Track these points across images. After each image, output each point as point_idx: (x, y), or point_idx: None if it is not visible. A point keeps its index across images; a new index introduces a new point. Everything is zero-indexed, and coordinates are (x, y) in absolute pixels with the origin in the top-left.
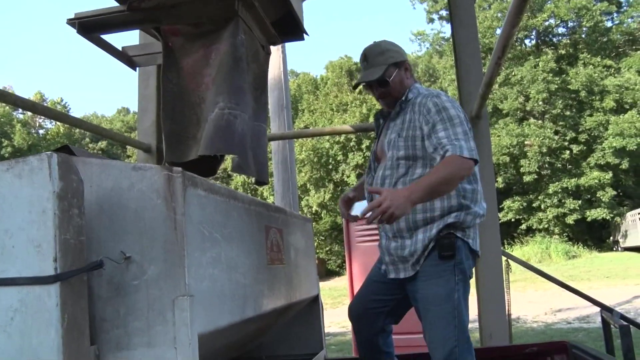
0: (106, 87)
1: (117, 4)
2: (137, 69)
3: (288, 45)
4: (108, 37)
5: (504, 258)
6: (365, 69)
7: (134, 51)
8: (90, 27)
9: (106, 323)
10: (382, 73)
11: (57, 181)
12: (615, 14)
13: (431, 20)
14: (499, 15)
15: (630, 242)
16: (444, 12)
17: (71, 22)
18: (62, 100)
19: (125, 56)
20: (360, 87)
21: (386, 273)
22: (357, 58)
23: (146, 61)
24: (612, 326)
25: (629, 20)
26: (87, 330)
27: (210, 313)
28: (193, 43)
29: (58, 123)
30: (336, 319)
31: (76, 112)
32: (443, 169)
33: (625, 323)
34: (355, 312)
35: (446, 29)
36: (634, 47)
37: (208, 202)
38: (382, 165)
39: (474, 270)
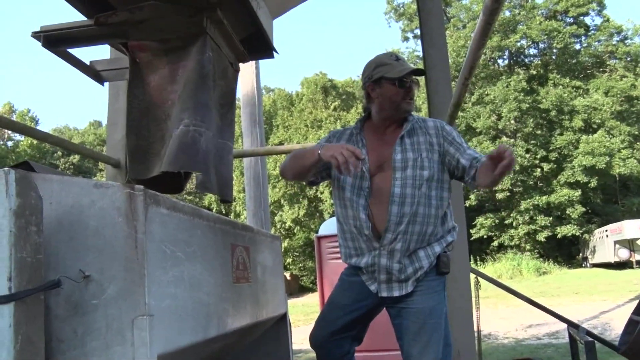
0: (79, 99)
1: (84, 18)
2: (107, 83)
3: (262, 61)
4: (78, 50)
5: (473, 275)
6: (405, 64)
7: (102, 66)
8: (56, 40)
9: (63, 343)
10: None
11: (14, 198)
12: (583, 37)
13: (406, 39)
14: (473, 35)
15: (598, 259)
16: (418, 31)
17: (36, 35)
18: (29, 112)
19: (92, 71)
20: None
21: (377, 292)
22: (332, 75)
23: (114, 76)
24: (578, 342)
25: (596, 43)
26: (42, 351)
27: (171, 333)
28: (160, 59)
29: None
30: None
31: (47, 124)
32: None
33: (590, 339)
34: (320, 341)
35: (421, 48)
36: (600, 69)
37: (171, 220)
38: (393, 183)
39: None
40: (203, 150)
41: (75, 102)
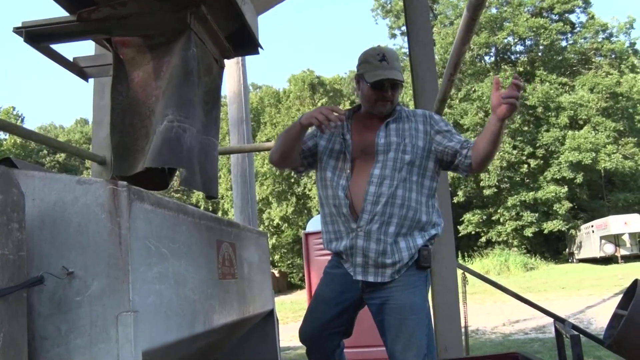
0: (65, 97)
1: (67, 14)
2: (92, 79)
3: (250, 57)
4: (62, 47)
5: (460, 271)
6: (386, 68)
7: (86, 62)
8: (39, 36)
9: (47, 341)
10: (403, 78)
11: None
12: (569, 34)
13: (393, 36)
14: (458, 31)
15: (584, 254)
16: (405, 28)
17: (18, 30)
18: (14, 109)
19: (76, 67)
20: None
21: (352, 274)
22: (319, 72)
23: (99, 72)
24: (564, 336)
25: (582, 40)
26: (25, 349)
27: (156, 329)
28: (144, 55)
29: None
30: (297, 333)
31: (33, 123)
32: None
33: (575, 333)
34: (309, 335)
35: (407, 45)
36: (586, 66)
37: (155, 217)
38: (374, 165)
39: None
40: (187, 146)
41: (61, 100)
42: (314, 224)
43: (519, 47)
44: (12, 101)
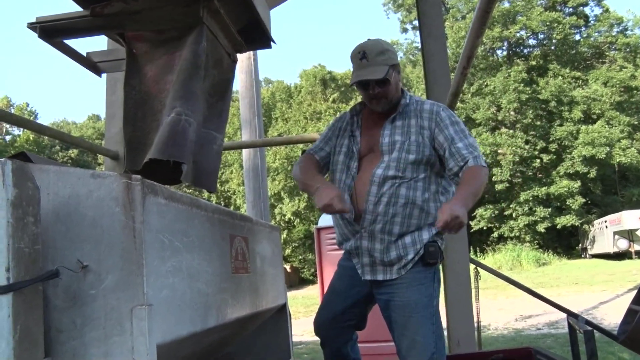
0: (77, 93)
1: (80, 9)
2: (105, 75)
3: (262, 52)
4: (75, 42)
5: (472, 266)
6: (364, 67)
7: (99, 57)
8: (52, 31)
9: (62, 334)
10: (385, 73)
11: (11, 189)
12: (583, 28)
13: (404, 30)
14: (471, 24)
15: (597, 249)
16: (417, 23)
17: (32, 26)
18: (27, 106)
19: (89, 62)
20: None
21: (361, 274)
22: (330, 67)
23: (112, 67)
24: (577, 331)
25: (596, 34)
26: (41, 341)
27: (169, 322)
28: (157, 49)
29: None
30: (309, 327)
31: (46, 118)
32: (478, 179)
33: (589, 328)
34: (323, 327)
35: (419, 39)
36: (600, 60)
37: (168, 210)
38: (378, 164)
39: (442, 278)
40: (190, 140)
41: (74, 96)
42: (326, 219)
43: (532, 41)
44: (24, 97)
